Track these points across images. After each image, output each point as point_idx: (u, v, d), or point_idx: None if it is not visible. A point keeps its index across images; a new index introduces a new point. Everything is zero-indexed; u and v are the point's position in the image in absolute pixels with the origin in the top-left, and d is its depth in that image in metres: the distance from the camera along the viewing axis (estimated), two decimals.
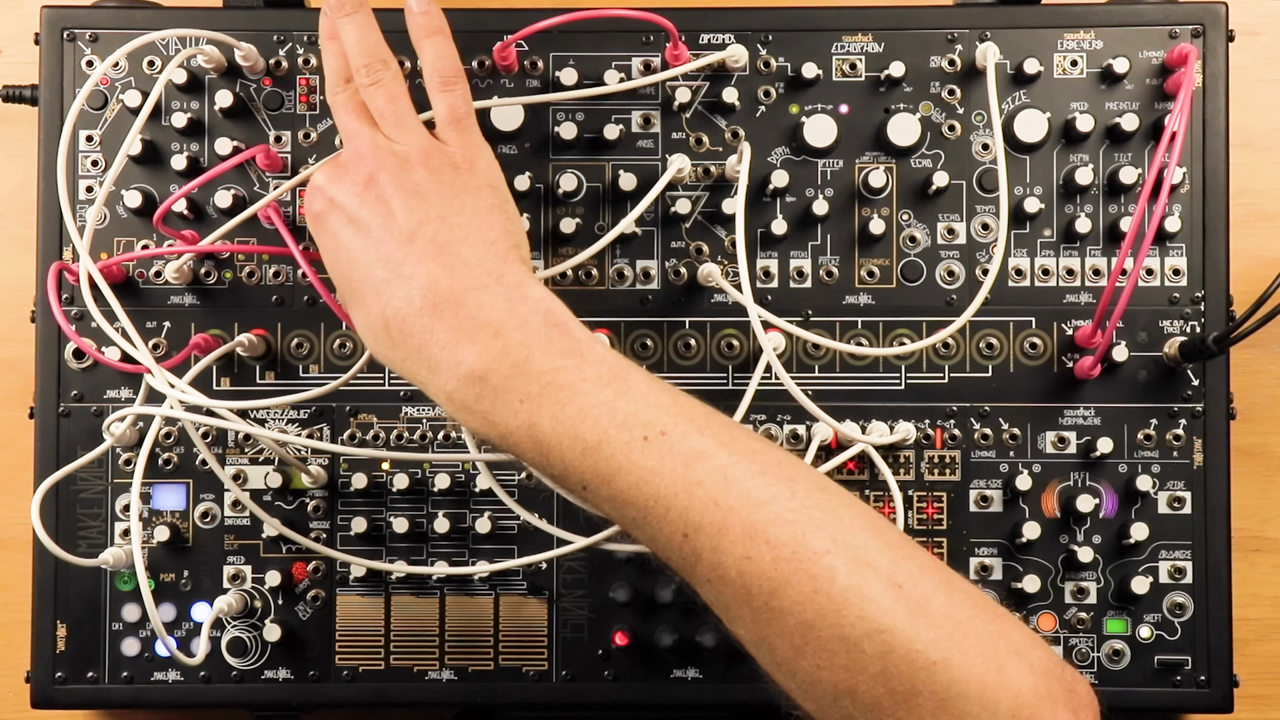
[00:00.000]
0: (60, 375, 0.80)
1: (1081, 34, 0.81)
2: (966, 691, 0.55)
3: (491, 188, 0.67)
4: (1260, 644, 0.88)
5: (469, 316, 0.62)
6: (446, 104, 0.68)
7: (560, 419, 0.60)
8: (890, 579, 0.57)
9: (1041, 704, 0.56)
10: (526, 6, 0.81)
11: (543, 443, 0.61)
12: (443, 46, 0.69)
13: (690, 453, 0.59)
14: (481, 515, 0.80)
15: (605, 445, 0.60)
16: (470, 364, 0.61)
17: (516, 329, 0.62)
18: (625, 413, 0.60)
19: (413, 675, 0.80)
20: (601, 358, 0.62)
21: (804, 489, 0.59)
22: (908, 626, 0.56)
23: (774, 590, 0.57)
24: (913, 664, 0.55)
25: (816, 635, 0.56)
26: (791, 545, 0.57)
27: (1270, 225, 0.89)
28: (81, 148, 0.81)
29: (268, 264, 0.81)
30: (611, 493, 0.60)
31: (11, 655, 0.85)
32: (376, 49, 0.68)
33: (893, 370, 0.81)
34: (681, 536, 0.59)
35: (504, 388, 0.61)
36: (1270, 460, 0.89)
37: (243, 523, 0.80)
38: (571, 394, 0.60)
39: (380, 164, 0.65)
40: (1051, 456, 0.80)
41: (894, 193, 0.81)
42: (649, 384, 0.62)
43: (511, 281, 0.64)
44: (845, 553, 0.57)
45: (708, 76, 0.81)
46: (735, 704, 0.81)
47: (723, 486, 0.58)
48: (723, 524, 0.58)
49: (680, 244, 0.81)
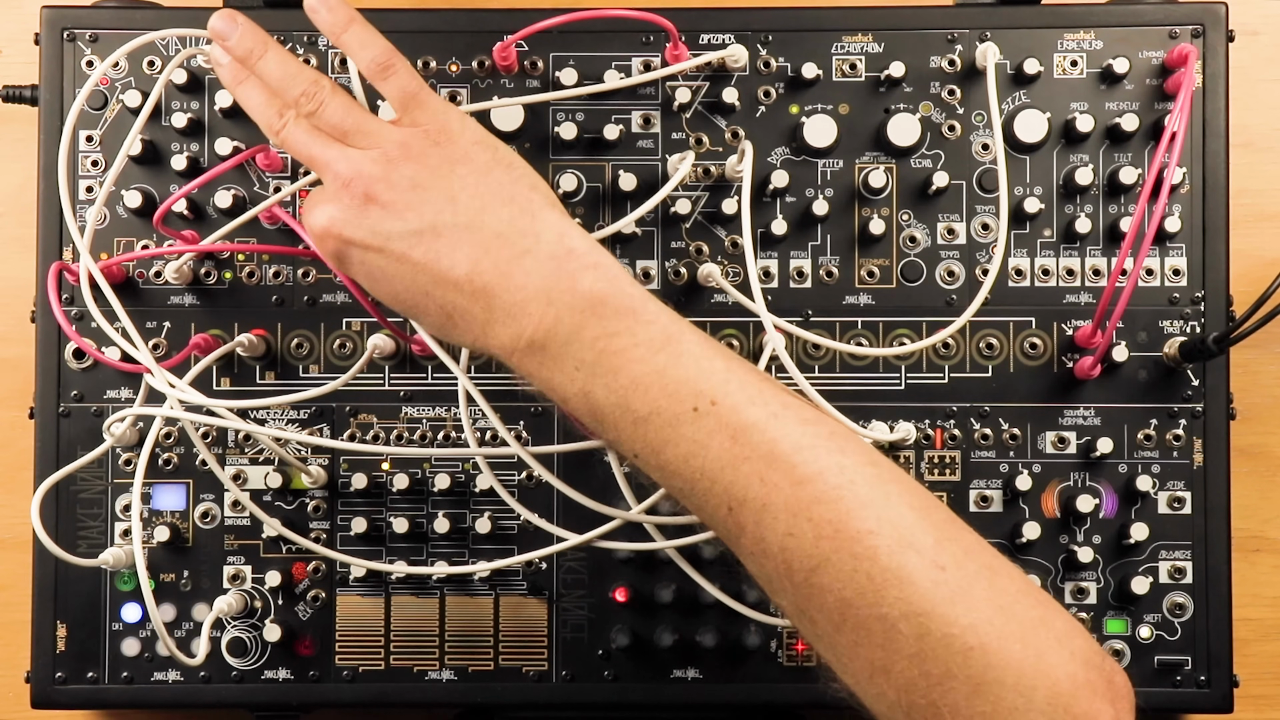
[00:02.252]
0: (60, 375, 0.80)
1: (1081, 34, 0.81)
2: (1003, 677, 0.55)
3: (479, 144, 0.66)
4: (1260, 644, 0.88)
5: (520, 287, 0.62)
6: (395, 87, 0.66)
7: (613, 388, 0.61)
8: (934, 561, 0.56)
9: (1079, 692, 0.56)
10: (526, 6, 0.81)
11: (598, 410, 0.62)
12: (364, 35, 0.66)
13: (739, 425, 0.59)
14: (481, 515, 0.80)
15: (655, 417, 0.60)
16: (529, 334, 0.62)
17: (567, 291, 0.62)
18: (677, 380, 0.60)
19: (413, 675, 0.80)
20: (655, 315, 0.62)
21: (853, 463, 0.59)
22: (947, 610, 0.55)
23: (815, 567, 0.57)
24: (949, 648, 0.55)
25: (855, 613, 0.56)
26: (834, 524, 0.57)
27: (1270, 225, 0.89)
28: (81, 148, 0.81)
29: (268, 264, 0.81)
30: (660, 463, 0.61)
31: (11, 655, 0.85)
32: (303, 72, 0.66)
33: (893, 370, 0.81)
34: (726, 510, 0.59)
35: (561, 354, 0.61)
36: (1270, 460, 0.89)
37: (243, 523, 0.80)
38: (624, 361, 0.61)
39: (368, 179, 0.63)
40: (1051, 456, 0.80)
41: (894, 193, 0.81)
42: (702, 346, 0.62)
43: (550, 236, 0.63)
44: (889, 532, 0.57)
45: (708, 76, 0.81)
46: (735, 704, 0.81)
47: (769, 462, 0.58)
48: (766, 500, 0.58)
49: (680, 244, 0.81)
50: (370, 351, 0.79)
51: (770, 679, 0.80)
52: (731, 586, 0.79)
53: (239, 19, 0.67)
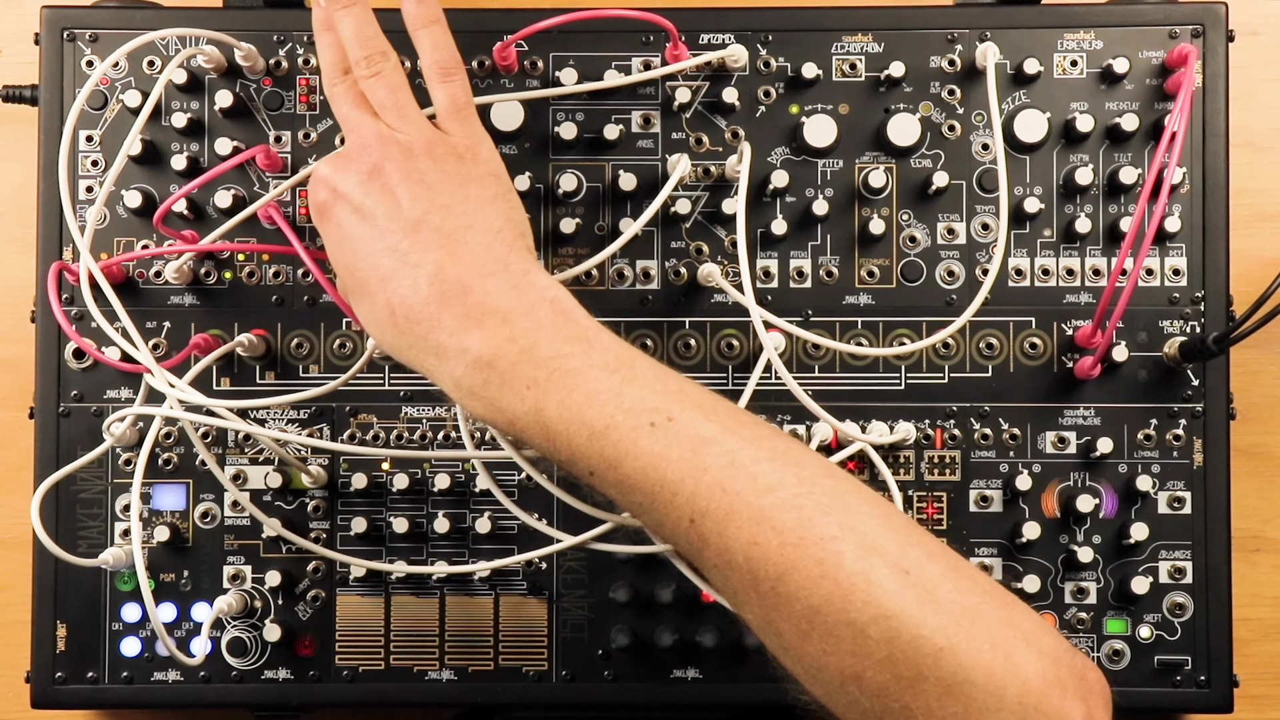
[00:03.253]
0: (60, 375, 0.80)
1: (1081, 34, 0.81)
2: (973, 678, 0.55)
3: (495, 177, 0.67)
4: (1260, 644, 0.88)
5: (476, 304, 0.62)
6: (447, 94, 0.68)
7: (567, 404, 0.60)
8: (897, 564, 0.56)
9: (1050, 690, 0.56)
10: (526, 6, 0.81)
11: (550, 428, 0.61)
12: (440, 36, 0.69)
13: (697, 438, 0.59)
14: (481, 515, 0.80)
15: (612, 431, 0.60)
16: (477, 350, 0.61)
17: (524, 315, 0.62)
18: (632, 398, 0.60)
19: (413, 675, 0.80)
20: (608, 345, 0.62)
21: (811, 474, 0.59)
22: (915, 612, 0.55)
23: (780, 575, 0.57)
24: (919, 650, 0.55)
25: (823, 620, 0.56)
26: (798, 530, 0.57)
27: (1270, 225, 0.89)
28: (81, 148, 0.81)
29: (268, 264, 0.81)
30: (618, 478, 0.60)
31: (11, 655, 0.85)
32: (375, 40, 0.68)
33: (893, 370, 0.81)
34: (688, 522, 0.59)
35: (511, 373, 0.61)
36: (1270, 460, 0.89)
37: (243, 523, 0.80)
38: (578, 380, 0.61)
39: (385, 153, 0.65)
40: (1051, 456, 0.80)
41: (894, 193, 0.81)
42: (656, 371, 0.62)
43: (518, 270, 0.64)
44: (852, 538, 0.57)
45: (708, 76, 0.81)
46: (735, 704, 0.81)
47: (730, 472, 0.58)
48: (729, 509, 0.58)
49: (680, 244, 0.81)
50: (370, 351, 0.79)
51: (770, 679, 0.80)
52: None
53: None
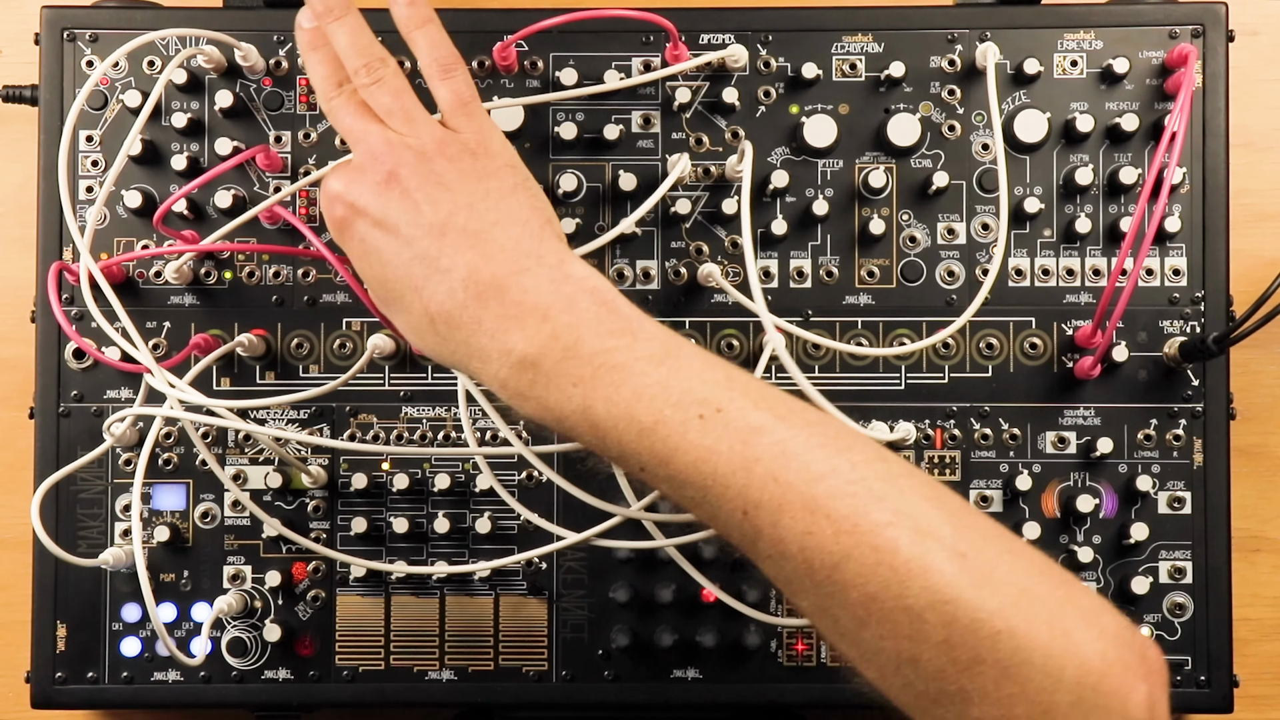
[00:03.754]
0: (60, 375, 0.80)
1: (1081, 34, 0.81)
2: (1031, 659, 0.55)
3: (511, 168, 0.66)
4: (1260, 644, 0.88)
5: (515, 302, 0.61)
6: (450, 91, 0.67)
7: (615, 401, 0.60)
8: (954, 548, 0.56)
9: (1110, 670, 0.55)
10: (526, 6, 0.81)
11: (599, 426, 0.60)
12: (435, 35, 0.68)
13: (747, 428, 0.59)
14: (481, 515, 0.80)
15: (661, 426, 0.59)
16: (521, 350, 0.61)
17: (564, 310, 0.61)
18: (680, 391, 0.59)
19: (413, 675, 0.80)
20: (652, 334, 0.62)
21: (863, 459, 0.59)
22: (972, 595, 0.55)
23: (836, 564, 0.56)
24: (976, 633, 0.55)
25: (880, 607, 0.56)
26: (853, 518, 0.56)
27: (1270, 225, 0.89)
28: (81, 148, 0.81)
29: (268, 264, 0.81)
30: (670, 473, 0.60)
31: (11, 655, 0.85)
32: (372, 47, 0.67)
33: (893, 370, 0.81)
34: (741, 514, 0.59)
35: (557, 372, 0.60)
36: (1270, 460, 0.89)
37: (243, 523, 0.80)
38: (625, 375, 0.60)
39: (398, 159, 0.64)
40: (1051, 456, 0.80)
41: (894, 193, 0.81)
42: (702, 359, 0.61)
43: (552, 261, 0.63)
44: (907, 524, 0.56)
45: (708, 76, 0.81)
46: (735, 704, 0.81)
47: (781, 462, 0.58)
48: (782, 500, 0.57)
49: (680, 244, 0.81)
50: (370, 351, 0.79)
51: (770, 679, 0.80)
52: (731, 586, 0.79)
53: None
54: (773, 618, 0.79)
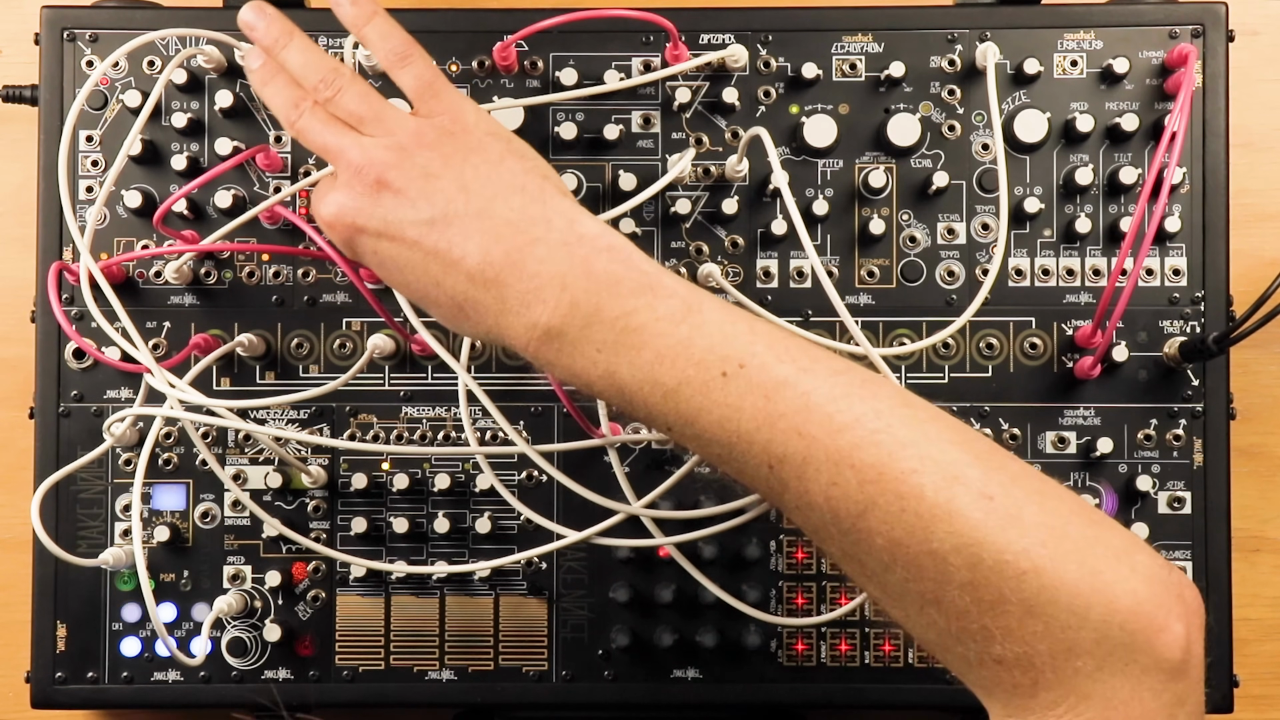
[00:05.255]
0: (60, 375, 0.80)
1: (1081, 34, 0.81)
2: (1057, 598, 0.55)
3: (492, 135, 0.66)
4: (1260, 644, 0.88)
5: (532, 274, 0.61)
6: (411, 77, 0.66)
7: (638, 364, 0.60)
8: (981, 491, 0.56)
9: (1141, 608, 0.55)
10: (526, 6, 0.81)
11: (625, 390, 0.61)
12: (384, 26, 0.67)
13: (770, 383, 0.59)
14: (481, 515, 0.80)
15: (684, 387, 0.60)
16: (545, 322, 0.61)
17: (582, 275, 0.61)
18: (702, 349, 0.60)
19: (413, 675, 0.81)
20: (673, 289, 0.61)
21: (888, 406, 0.58)
22: (998, 537, 0.55)
23: (861, 512, 0.57)
24: (1002, 574, 0.55)
25: (905, 552, 0.56)
26: (877, 467, 0.57)
27: (1270, 225, 0.89)
28: (81, 148, 0.81)
29: (268, 264, 0.81)
30: (695, 432, 0.60)
31: (11, 655, 0.85)
32: (324, 60, 0.67)
33: (893, 370, 0.81)
34: (767, 469, 0.59)
35: (581, 339, 0.61)
36: (1270, 460, 0.89)
37: (243, 523, 0.80)
38: (646, 337, 0.60)
39: (381, 165, 0.63)
40: (1051, 456, 0.80)
41: (894, 193, 0.81)
42: (723, 313, 0.61)
43: (561, 224, 0.63)
44: (933, 468, 0.56)
45: (708, 76, 0.81)
46: (735, 704, 0.81)
47: (804, 416, 0.58)
48: (806, 454, 0.58)
49: (680, 244, 0.81)
50: (370, 351, 0.79)
51: (770, 679, 0.80)
52: (731, 586, 0.79)
53: (267, 9, 0.68)
54: (773, 618, 0.79)
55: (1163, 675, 0.55)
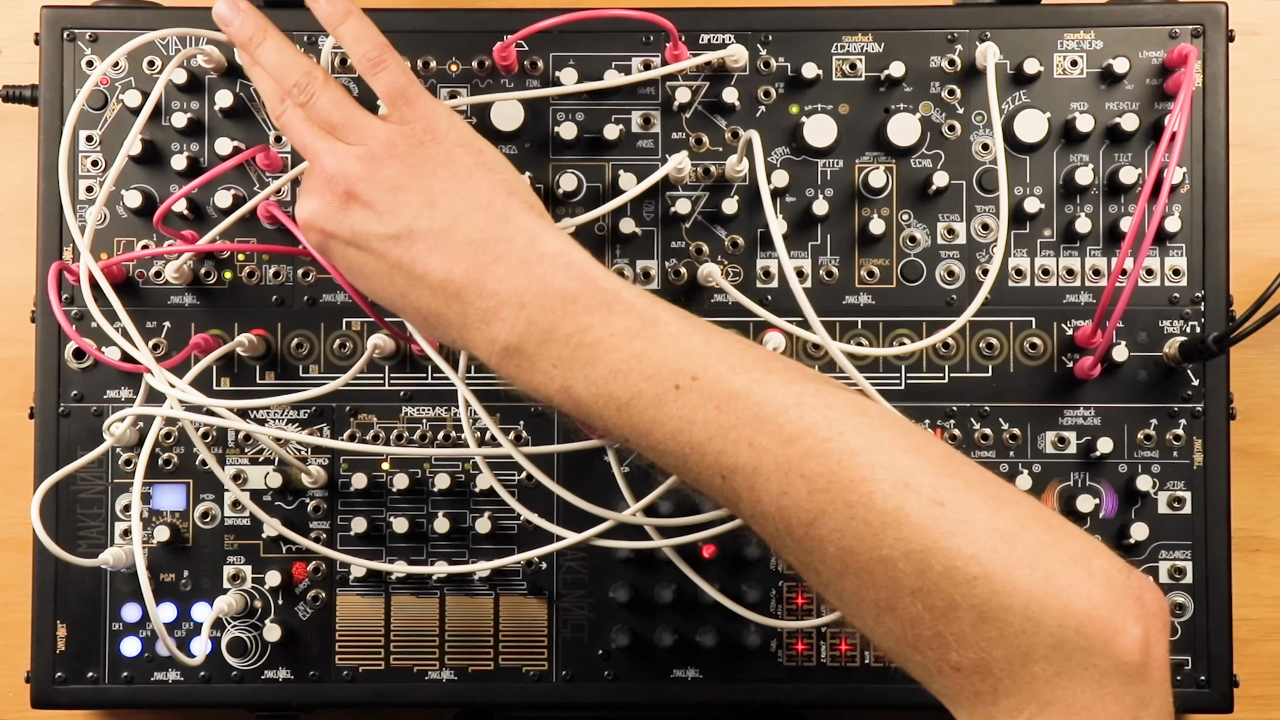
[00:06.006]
0: (60, 375, 0.80)
1: (1081, 34, 0.81)
2: (1009, 603, 0.55)
3: (463, 147, 0.66)
4: (1260, 644, 0.88)
5: (492, 294, 0.62)
6: (385, 84, 0.66)
7: (592, 379, 0.61)
8: (932, 497, 0.56)
9: (1097, 611, 0.55)
10: (526, 6, 0.81)
11: (581, 404, 0.62)
12: (359, 29, 0.67)
13: (722, 395, 0.59)
14: (481, 515, 0.80)
15: (638, 400, 0.60)
16: (504, 339, 0.62)
17: (539, 293, 0.62)
18: (656, 363, 0.60)
19: (413, 675, 0.80)
20: (629, 305, 0.62)
21: (841, 415, 0.59)
22: (948, 543, 0.55)
23: (812, 521, 0.57)
24: (952, 579, 0.55)
25: (856, 559, 0.56)
26: (826, 476, 0.57)
27: (1270, 225, 0.89)
28: (81, 148, 0.81)
29: (268, 264, 0.81)
30: (650, 444, 0.61)
31: (11, 655, 0.85)
32: (298, 62, 0.67)
33: (893, 370, 0.81)
34: (720, 479, 0.60)
35: (538, 355, 0.62)
36: (1270, 460, 0.89)
37: (243, 523, 0.80)
38: (600, 352, 0.61)
39: (352, 176, 0.64)
40: (1051, 456, 0.80)
41: (894, 193, 0.81)
42: (680, 324, 0.62)
43: (521, 241, 0.63)
44: (883, 476, 0.57)
45: (708, 76, 0.81)
46: (735, 704, 0.81)
47: (755, 426, 0.58)
48: (757, 464, 0.58)
49: (680, 244, 0.81)
50: (370, 351, 0.79)
51: (770, 679, 0.80)
52: (731, 586, 0.79)
53: (241, 5, 0.68)
54: (773, 619, 0.79)
55: (1123, 678, 0.55)
